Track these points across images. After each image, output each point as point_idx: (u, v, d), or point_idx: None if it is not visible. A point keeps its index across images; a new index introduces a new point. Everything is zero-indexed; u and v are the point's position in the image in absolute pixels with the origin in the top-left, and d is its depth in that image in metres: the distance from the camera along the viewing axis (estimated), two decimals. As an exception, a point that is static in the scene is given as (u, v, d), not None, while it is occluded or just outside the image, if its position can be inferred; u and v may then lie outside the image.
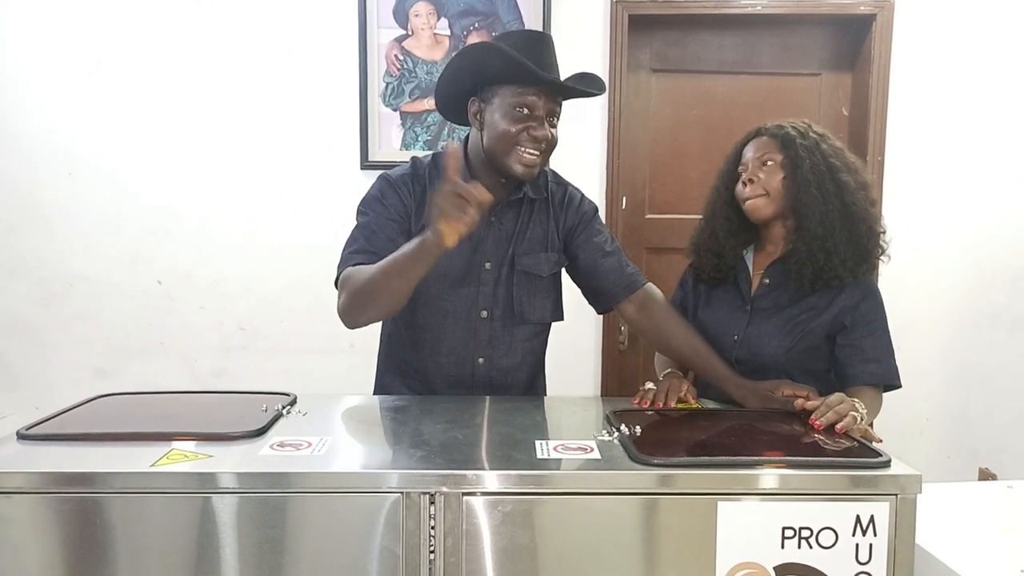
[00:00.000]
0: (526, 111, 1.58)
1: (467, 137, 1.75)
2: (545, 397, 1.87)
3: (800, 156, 1.65)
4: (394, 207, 1.67)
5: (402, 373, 1.82)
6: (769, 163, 1.67)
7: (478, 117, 1.66)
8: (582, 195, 1.85)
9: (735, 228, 1.76)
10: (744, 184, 1.70)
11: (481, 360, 1.75)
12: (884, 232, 1.70)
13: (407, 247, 1.46)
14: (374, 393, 1.86)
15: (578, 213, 1.81)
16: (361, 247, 1.63)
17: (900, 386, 1.66)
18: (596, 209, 1.86)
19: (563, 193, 1.82)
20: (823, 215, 1.63)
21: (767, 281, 1.74)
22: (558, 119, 1.65)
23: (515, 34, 1.68)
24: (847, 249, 1.63)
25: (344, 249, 1.66)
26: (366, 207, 1.70)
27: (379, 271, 1.49)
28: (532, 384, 1.87)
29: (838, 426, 1.37)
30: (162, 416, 1.48)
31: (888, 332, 1.67)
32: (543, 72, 1.56)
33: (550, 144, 1.63)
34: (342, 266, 1.63)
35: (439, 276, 1.70)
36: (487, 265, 1.73)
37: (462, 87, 1.66)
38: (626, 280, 1.80)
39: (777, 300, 1.71)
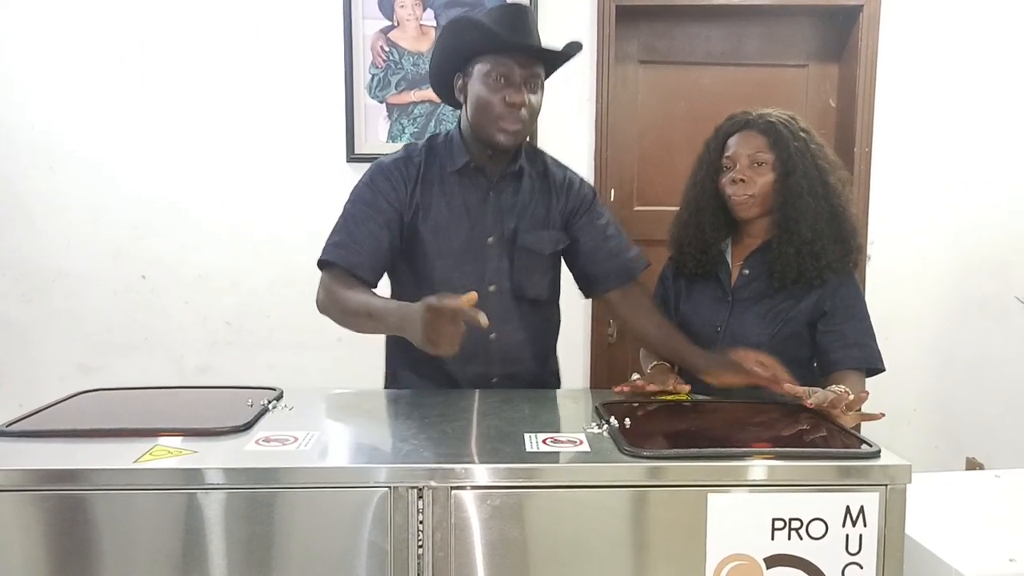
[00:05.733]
0: (503, 80, 1.59)
1: (459, 119, 1.75)
2: (534, 390, 1.83)
3: (793, 160, 1.64)
4: (383, 193, 1.68)
5: (414, 362, 1.77)
6: (761, 164, 1.66)
7: (462, 93, 1.68)
8: (581, 179, 1.85)
9: (720, 223, 1.75)
10: (733, 182, 1.68)
11: (493, 336, 1.72)
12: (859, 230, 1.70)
13: (393, 312, 1.47)
14: (385, 387, 1.84)
15: (578, 196, 1.81)
16: (342, 240, 1.66)
17: (883, 369, 1.66)
18: (595, 192, 1.86)
19: (563, 175, 1.82)
20: (813, 220, 1.63)
21: (747, 271, 1.73)
22: (540, 87, 1.65)
23: (493, 9, 1.69)
24: (833, 250, 1.63)
25: (329, 236, 1.69)
26: (355, 195, 1.72)
27: (361, 308, 1.54)
28: (546, 360, 1.86)
29: (829, 401, 1.38)
30: (146, 412, 1.46)
31: (868, 316, 1.68)
32: (516, 37, 1.58)
33: (530, 110, 1.63)
34: (324, 255, 1.66)
35: (442, 254, 1.70)
36: (490, 240, 1.72)
37: (448, 67, 1.68)
38: (626, 265, 1.80)
39: (758, 290, 1.71)
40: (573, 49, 1.65)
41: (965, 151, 3.01)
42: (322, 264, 1.66)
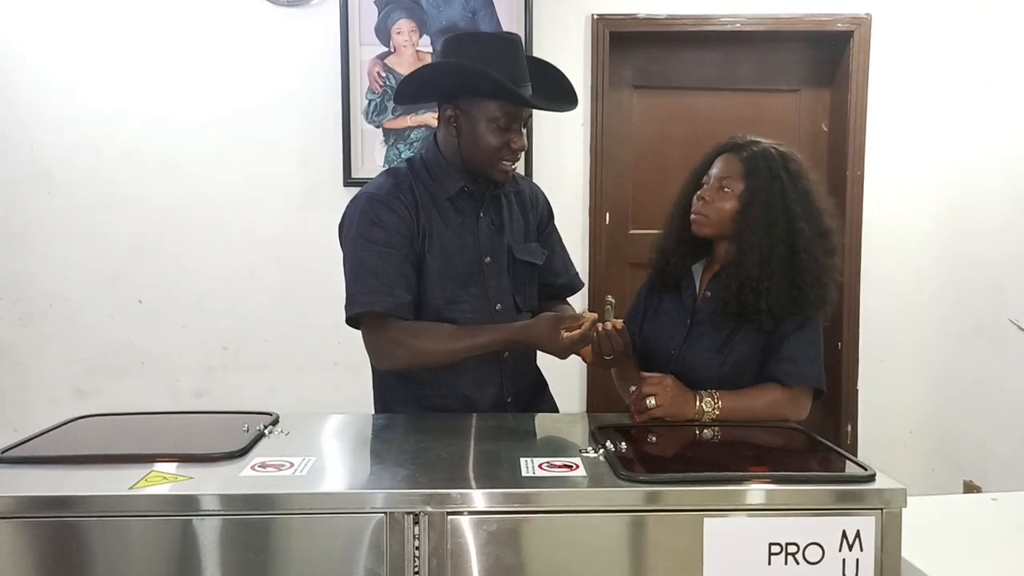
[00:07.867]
0: (505, 123, 1.63)
1: (433, 136, 1.75)
2: (532, 414, 1.82)
3: (760, 194, 1.60)
4: (394, 228, 1.64)
5: (417, 394, 1.73)
6: (726, 189, 1.64)
7: (453, 122, 1.66)
8: (542, 192, 1.94)
9: (687, 238, 1.72)
10: (698, 198, 1.68)
11: (506, 354, 1.73)
12: (838, 280, 1.66)
13: (500, 329, 1.63)
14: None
15: (544, 208, 1.91)
16: (372, 287, 1.61)
17: (823, 391, 1.62)
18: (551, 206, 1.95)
19: (530, 189, 1.90)
20: (764, 257, 1.58)
21: (709, 294, 1.70)
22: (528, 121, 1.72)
23: (486, 39, 1.71)
24: (780, 295, 1.57)
25: (353, 286, 1.64)
26: (361, 236, 1.64)
27: (457, 334, 1.61)
28: (539, 374, 1.90)
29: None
30: (141, 437, 1.46)
31: (818, 342, 1.63)
32: (523, 90, 1.61)
33: (524, 147, 1.71)
34: (358, 308, 1.61)
35: (449, 278, 1.69)
36: (487, 260, 1.73)
37: (441, 88, 1.68)
38: (571, 281, 1.93)
39: (717, 313, 1.65)
40: (570, 105, 1.75)
41: (957, 174, 3.04)
42: (358, 317, 1.63)
